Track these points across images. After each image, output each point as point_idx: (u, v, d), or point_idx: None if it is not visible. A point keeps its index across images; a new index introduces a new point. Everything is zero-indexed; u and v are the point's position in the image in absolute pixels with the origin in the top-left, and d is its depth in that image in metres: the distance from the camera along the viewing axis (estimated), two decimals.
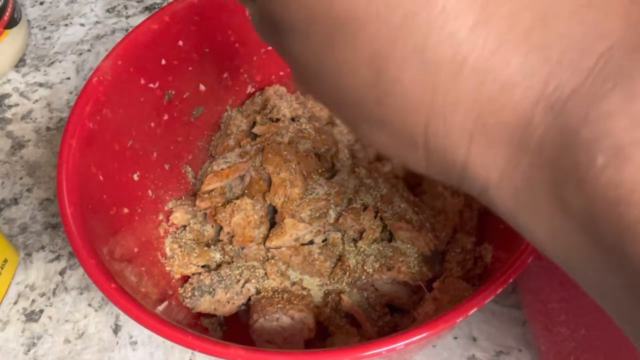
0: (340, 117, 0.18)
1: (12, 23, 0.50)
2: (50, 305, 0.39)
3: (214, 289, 0.35)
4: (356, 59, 0.14)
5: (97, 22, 0.57)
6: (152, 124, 0.38)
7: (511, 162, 0.14)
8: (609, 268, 0.13)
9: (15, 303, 0.39)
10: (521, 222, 0.15)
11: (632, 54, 0.13)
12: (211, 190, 0.38)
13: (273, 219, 0.38)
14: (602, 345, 0.28)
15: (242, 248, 0.37)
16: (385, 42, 0.14)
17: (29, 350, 0.37)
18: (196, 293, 0.35)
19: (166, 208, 0.39)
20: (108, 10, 0.58)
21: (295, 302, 0.34)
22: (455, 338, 0.36)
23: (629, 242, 0.12)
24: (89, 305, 0.39)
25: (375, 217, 0.36)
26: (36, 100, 0.51)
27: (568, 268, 0.15)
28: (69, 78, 0.52)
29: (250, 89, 0.44)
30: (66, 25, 0.57)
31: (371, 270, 0.34)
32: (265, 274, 0.36)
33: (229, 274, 0.35)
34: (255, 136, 0.41)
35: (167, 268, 0.36)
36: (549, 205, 0.13)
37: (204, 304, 0.35)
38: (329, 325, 0.34)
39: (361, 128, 0.17)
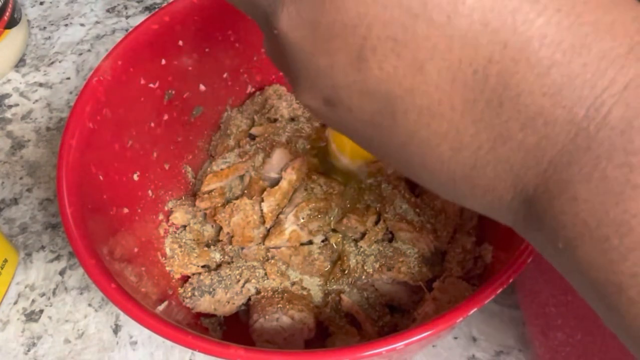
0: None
1: (12, 23, 0.50)
2: (50, 305, 0.39)
3: (214, 289, 0.35)
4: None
5: (97, 22, 0.57)
6: (152, 124, 0.38)
7: None
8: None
9: (15, 303, 0.39)
10: None
11: None
12: (211, 191, 0.38)
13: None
14: (597, 351, 0.28)
15: (242, 248, 0.37)
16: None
17: (29, 350, 0.37)
18: (196, 293, 0.35)
19: (166, 208, 0.39)
20: (108, 10, 0.58)
21: (295, 302, 0.34)
22: (455, 338, 0.36)
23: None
24: (89, 305, 0.39)
25: (378, 219, 0.36)
26: (36, 100, 0.51)
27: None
28: (69, 78, 0.52)
29: (250, 89, 0.44)
30: (66, 25, 0.57)
31: (371, 270, 0.34)
32: (265, 274, 0.36)
33: (229, 274, 0.35)
34: (254, 136, 0.41)
35: (167, 268, 0.36)
36: None
37: (204, 304, 0.35)
38: (329, 325, 0.34)
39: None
